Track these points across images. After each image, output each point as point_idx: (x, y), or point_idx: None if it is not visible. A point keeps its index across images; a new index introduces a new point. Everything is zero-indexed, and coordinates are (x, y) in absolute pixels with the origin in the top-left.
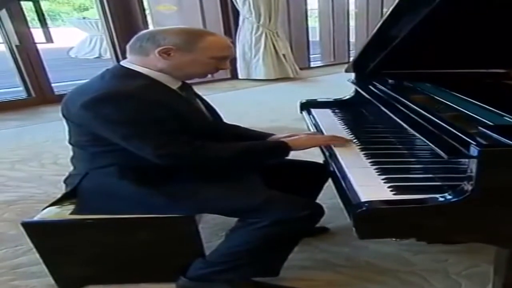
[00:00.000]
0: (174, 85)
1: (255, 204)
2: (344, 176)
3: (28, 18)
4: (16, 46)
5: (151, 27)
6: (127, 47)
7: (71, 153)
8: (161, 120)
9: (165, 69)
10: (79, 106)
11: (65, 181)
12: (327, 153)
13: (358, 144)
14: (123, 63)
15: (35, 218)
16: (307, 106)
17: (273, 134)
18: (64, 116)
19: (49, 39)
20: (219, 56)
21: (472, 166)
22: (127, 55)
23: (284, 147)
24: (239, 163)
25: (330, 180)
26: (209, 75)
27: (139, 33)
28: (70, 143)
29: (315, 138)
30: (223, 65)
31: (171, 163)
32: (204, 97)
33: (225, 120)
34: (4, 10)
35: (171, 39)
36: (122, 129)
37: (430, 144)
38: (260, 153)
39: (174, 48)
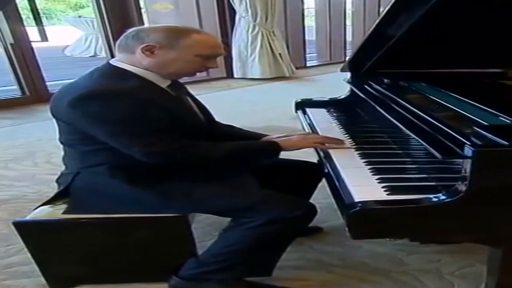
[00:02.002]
0: (163, 83)
1: (249, 203)
2: (338, 176)
3: (23, 17)
4: (11, 44)
5: None
6: (116, 45)
7: (63, 152)
8: (150, 119)
9: (150, 67)
10: (66, 104)
11: (57, 181)
12: (321, 153)
13: (353, 143)
14: (111, 61)
15: (27, 218)
16: (302, 105)
17: (266, 135)
18: (53, 115)
19: (44, 37)
20: (205, 54)
21: (467, 166)
22: (116, 53)
23: (274, 147)
24: (229, 162)
25: (324, 180)
26: (204, 74)
27: (126, 31)
28: (60, 141)
29: (307, 139)
30: (211, 63)
31: (159, 162)
32: (199, 96)
33: (218, 120)
34: None
35: (154, 36)
36: (109, 126)
37: (425, 144)
38: (251, 152)
39: (157, 45)
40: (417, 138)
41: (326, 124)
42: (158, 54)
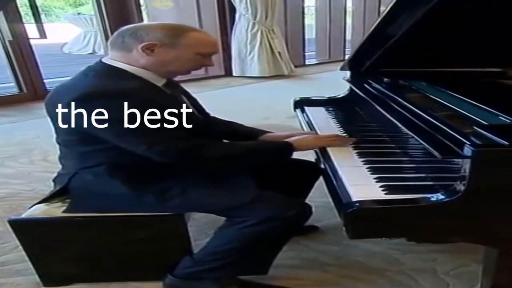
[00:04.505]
0: (159, 82)
1: (243, 202)
2: (336, 175)
3: (22, 13)
4: (9, 41)
5: None
6: (109, 43)
7: (59, 152)
8: (154, 118)
9: (148, 66)
10: (65, 106)
11: (54, 180)
12: (319, 152)
13: (351, 142)
14: (105, 60)
15: (22, 216)
16: (301, 104)
17: (267, 131)
18: (49, 116)
19: (42, 34)
20: (204, 52)
21: (466, 166)
22: (109, 51)
23: (287, 148)
24: (242, 162)
25: (321, 178)
26: (203, 72)
27: (121, 29)
28: (57, 142)
29: (319, 139)
30: (208, 61)
31: (171, 161)
32: (197, 94)
33: (217, 117)
34: None
35: (154, 35)
36: (114, 126)
37: (424, 144)
38: (263, 153)
39: (158, 43)
40: (416, 137)
41: (325, 123)
42: (158, 53)
